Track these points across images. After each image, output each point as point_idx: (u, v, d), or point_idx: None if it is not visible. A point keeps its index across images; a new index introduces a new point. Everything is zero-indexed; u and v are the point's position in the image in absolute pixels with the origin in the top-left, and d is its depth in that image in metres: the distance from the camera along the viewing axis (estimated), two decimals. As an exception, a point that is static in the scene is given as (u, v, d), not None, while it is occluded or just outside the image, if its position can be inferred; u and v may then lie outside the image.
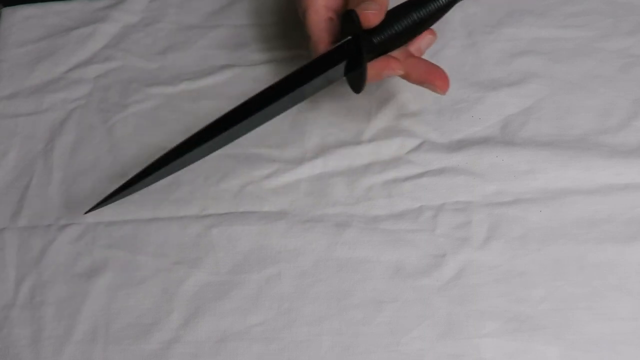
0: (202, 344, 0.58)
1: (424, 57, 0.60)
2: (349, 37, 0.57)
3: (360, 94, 0.60)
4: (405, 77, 0.59)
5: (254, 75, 0.68)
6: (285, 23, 0.69)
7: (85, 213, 0.58)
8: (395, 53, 0.59)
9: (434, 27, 0.60)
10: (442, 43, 0.68)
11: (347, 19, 0.57)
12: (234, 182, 0.64)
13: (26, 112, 0.68)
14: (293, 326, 0.58)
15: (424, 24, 0.59)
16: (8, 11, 0.74)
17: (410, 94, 0.66)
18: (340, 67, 0.58)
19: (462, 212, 0.61)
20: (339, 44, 0.57)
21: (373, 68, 0.58)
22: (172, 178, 0.64)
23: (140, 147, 0.66)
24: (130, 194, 0.58)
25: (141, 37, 0.72)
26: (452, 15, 0.70)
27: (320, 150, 0.64)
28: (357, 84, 0.59)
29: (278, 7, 0.71)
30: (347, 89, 0.61)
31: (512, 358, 0.56)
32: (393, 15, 0.58)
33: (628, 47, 0.66)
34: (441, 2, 0.58)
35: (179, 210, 0.63)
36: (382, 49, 0.58)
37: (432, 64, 0.59)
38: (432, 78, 0.59)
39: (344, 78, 0.60)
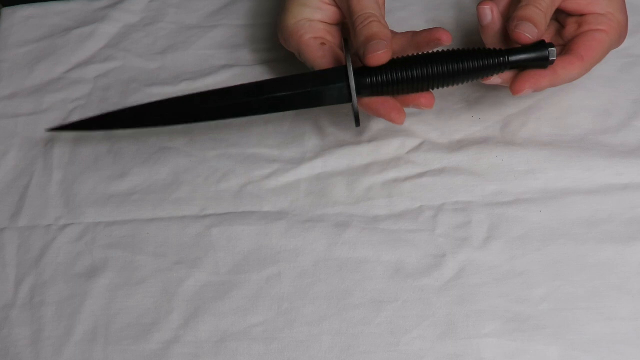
0: (202, 344, 0.58)
1: None
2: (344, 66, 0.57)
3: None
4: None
5: (254, 75, 0.68)
6: (285, 23, 0.69)
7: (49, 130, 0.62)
8: None
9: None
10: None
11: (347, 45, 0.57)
12: (234, 182, 0.64)
13: (26, 112, 0.68)
14: (293, 326, 0.58)
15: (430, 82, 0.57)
16: (8, 11, 0.74)
17: (410, 94, 0.66)
18: (332, 89, 0.57)
19: (462, 212, 0.61)
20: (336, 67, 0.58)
21: (370, 107, 0.58)
22: (172, 178, 0.64)
23: (140, 147, 0.66)
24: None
25: (141, 37, 0.72)
26: (450, 16, 0.70)
27: (320, 150, 0.64)
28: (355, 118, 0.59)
29: (277, 8, 0.71)
30: (347, 89, 0.61)
31: (512, 358, 0.56)
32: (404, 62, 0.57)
33: (628, 47, 0.66)
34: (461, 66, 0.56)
35: (179, 210, 0.63)
36: (379, 90, 0.57)
37: None
38: (414, 97, 0.58)
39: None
